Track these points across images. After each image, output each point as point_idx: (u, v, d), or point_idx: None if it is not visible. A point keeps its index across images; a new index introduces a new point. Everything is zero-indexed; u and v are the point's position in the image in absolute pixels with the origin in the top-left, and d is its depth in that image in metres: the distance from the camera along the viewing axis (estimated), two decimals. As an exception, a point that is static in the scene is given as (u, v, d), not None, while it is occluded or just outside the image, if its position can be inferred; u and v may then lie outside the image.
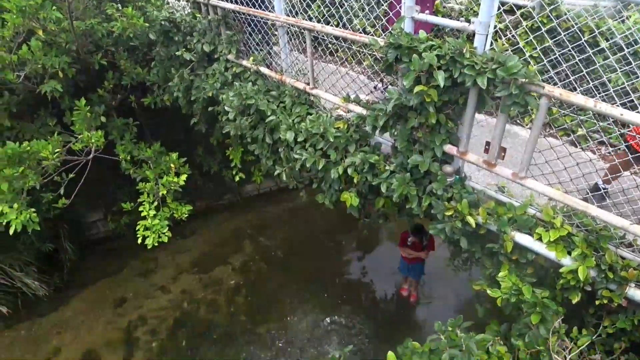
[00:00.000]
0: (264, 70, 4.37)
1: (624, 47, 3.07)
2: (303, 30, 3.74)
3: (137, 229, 5.18)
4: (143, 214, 5.20)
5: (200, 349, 6.16)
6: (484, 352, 2.59)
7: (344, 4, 4.20)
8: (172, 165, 5.49)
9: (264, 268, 7.58)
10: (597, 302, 2.54)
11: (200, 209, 8.42)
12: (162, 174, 5.43)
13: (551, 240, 2.56)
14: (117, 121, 5.99)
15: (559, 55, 2.45)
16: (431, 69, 2.55)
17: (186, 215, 5.49)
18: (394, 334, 6.24)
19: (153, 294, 7.08)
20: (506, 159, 2.71)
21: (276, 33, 4.22)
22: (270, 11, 4.11)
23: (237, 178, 6.71)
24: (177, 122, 7.46)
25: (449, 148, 2.89)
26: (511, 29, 3.20)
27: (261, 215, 8.92)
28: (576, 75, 2.44)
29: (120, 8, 5.29)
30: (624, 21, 3.57)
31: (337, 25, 3.98)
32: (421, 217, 3.35)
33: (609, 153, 3.45)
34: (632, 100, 2.49)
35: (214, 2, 4.59)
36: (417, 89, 2.63)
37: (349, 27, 4.18)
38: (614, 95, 2.49)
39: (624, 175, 3.07)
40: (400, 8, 2.91)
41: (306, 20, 3.74)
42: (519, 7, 3.94)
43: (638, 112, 1.97)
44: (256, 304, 6.87)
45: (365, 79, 4.05)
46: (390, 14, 3.92)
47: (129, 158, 5.62)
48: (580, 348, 2.55)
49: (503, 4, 2.67)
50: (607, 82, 2.55)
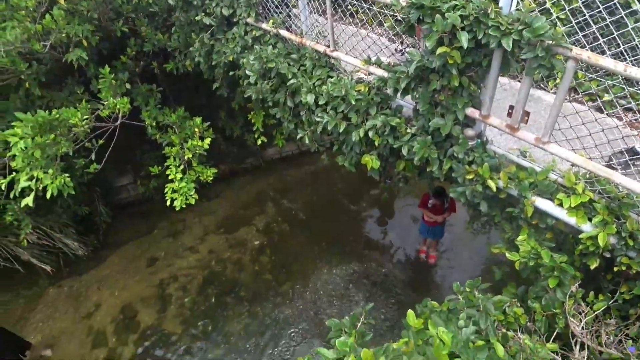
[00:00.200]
0: (284, 33, 4.31)
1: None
2: (323, -9, 3.64)
3: (165, 191, 5.36)
4: (170, 177, 5.37)
5: (228, 306, 6.52)
6: (500, 313, 2.64)
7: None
8: (196, 129, 5.60)
9: (286, 229, 7.80)
10: (616, 269, 2.54)
11: (224, 173, 8.63)
12: (187, 138, 5.55)
13: (572, 206, 2.54)
14: (141, 87, 6.11)
15: (588, 16, 2.32)
16: (454, 29, 2.47)
17: (211, 178, 5.63)
18: (412, 294, 6.41)
19: (182, 254, 7.44)
20: (529, 124, 2.66)
21: (295, -6, 4.13)
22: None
23: (259, 142, 6.78)
24: (199, 88, 7.53)
25: (471, 111, 2.85)
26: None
27: (283, 178, 9.07)
28: (605, 39, 2.31)
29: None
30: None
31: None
32: (441, 180, 3.36)
33: (636, 120, 3.31)
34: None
35: (231, -37, 4.50)
36: (440, 50, 2.57)
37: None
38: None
39: None
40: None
41: (326, -21, 3.62)
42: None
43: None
44: (279, 263, 7.13)
45: (386, 41, 3.96)
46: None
47: (154, 124, 5.76)
48: (595, 312, 2.58)
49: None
50: (638, 46, 2.42)
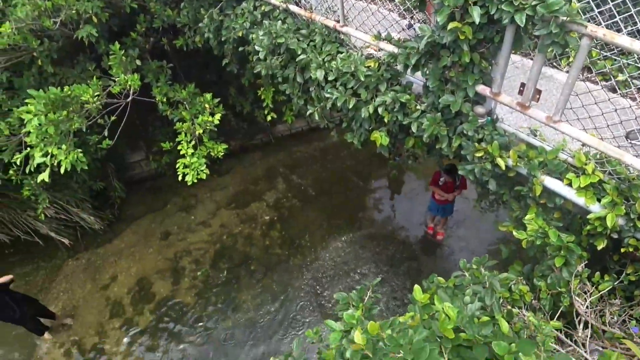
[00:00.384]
0: (293, 8, 4.24)
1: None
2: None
3: (177, 167, 5.42)
4: (182, 153, 5.42)
5: (240, 279, 6.69)
6: (506, 290, 2.67)
7: None
8: (207, 105, 5.61)
9: (296, 205, 7.89)
10: (623, 250, 2.55)
11: (235, 149, 8.70)
12: (198, 114, 5.57)
13: (581, 186, 2.53)
14: (152, 64, 6.10)
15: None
16: (466, 4, 2.41)
17: (222, 153, 5.67)
18: (420, 270, 6.50)
19: (194, 228, 7.61)
20: (540, 102, 2.61)
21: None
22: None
23: (269, 118, 6.78)
24: (209, 64, 7.49)
25: (481, 88, 2.80)
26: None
27: (293, 154, 9.10)
28: (621, 16, 2.23)
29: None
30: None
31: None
32: (451, 158, 3.35)
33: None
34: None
35: None
36: (451, 25, 2.51)
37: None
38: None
39: None
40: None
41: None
42: None
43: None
44: (289, 238, 7.26)
45: (397, 17, 3.87)
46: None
47: (165, 100, 5.78)
48: (601, 292, 2.60)
49: None
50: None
